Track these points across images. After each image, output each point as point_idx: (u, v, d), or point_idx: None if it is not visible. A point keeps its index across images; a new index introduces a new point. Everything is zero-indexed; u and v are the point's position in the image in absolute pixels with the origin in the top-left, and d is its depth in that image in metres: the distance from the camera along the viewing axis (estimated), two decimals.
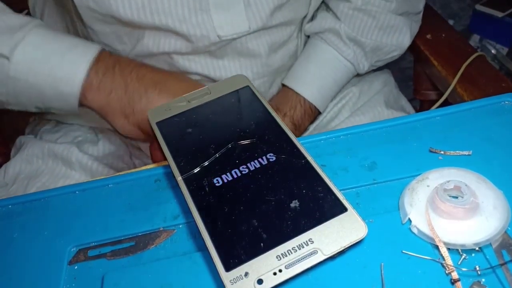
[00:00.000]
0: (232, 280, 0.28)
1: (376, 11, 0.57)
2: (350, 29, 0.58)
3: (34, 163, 0.54)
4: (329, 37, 0.59)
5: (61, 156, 0.54)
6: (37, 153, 0.54)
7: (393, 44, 0.59)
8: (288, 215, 0.31)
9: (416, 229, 0.31)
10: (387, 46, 0.59)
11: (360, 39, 0.58)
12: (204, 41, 0.50)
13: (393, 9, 0.57)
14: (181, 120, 0.40)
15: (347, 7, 0.58)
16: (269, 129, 0.38)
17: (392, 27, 0.58)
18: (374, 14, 0.57)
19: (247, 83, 0.42)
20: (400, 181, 0.35)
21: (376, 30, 0.58)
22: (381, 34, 0.59)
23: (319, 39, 0.60)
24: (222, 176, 0.34)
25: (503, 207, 0.31)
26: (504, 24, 1.29)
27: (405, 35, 0.59)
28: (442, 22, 0.64)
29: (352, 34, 0.58)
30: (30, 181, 0.53)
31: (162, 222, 0.35)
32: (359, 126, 0.40)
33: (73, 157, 0.53)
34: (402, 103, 0.65)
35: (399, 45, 0.60)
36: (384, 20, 0.57)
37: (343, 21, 0.58)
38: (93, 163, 0.54)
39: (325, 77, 0.59)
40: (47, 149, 0.54)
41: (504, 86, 0.51)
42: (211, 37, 0.50)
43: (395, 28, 0.59)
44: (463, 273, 0.29)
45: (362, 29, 0.58)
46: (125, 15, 0.48)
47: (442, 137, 0.38)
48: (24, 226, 0.36)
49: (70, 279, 0.32)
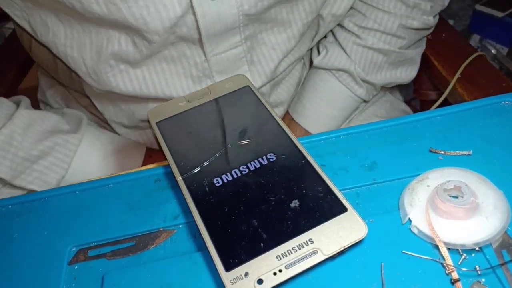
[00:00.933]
0: (232, 280, 0.28)
1: (388, 50, 0.55)
2: (361, 68, 0.56)
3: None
4: (343, 77, 0.57)
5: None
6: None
7: (403, 77, 0.59)
8: (288, 215, 0.31)
9: (416, 229, 0.31)
10: (398, 79, 0.59)
11: (373, 82, 0.57)
12: None
13: (404, 45, 0.56)
14: (181, 120, 0.40)
15: (356, 44, 0.55)
16: (269, 129, 0.38)
17: (403, 61, 0.58)
18: (386, 52, 0.55)
19: (247, 83, 0.42)
20: (400, 181, 0.35)
21: (387, 65, 0.57)
22: (392, 69, 0.58)
23: (331, 75, 0.58)
24: (222, 176, 0.34)
25: (503, 207, 0.31)
26: (504, 24, 1.29)
27: (416, 64, 0.59)
28: (442, 22, 0.64)
29: (365, 77, 0.57)
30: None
31: (162, 222, 0.35)
32: (359, 126, 0.40)
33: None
34: (402, 107, 0.65)
35: (408, 77, 0.60)
36: (395, 57, 0.56)
37: (354, 59, 0.56)
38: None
39: (338, 117, 0.59)
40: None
41: (504, 86, 0.51)
42: None
43: (406, 61, 0.58)
44: (463, 273, 0.29)
45: (373, 68, 0.57)
46: (125, 89, 0.47)
47: (442, 137, 0.38)
48: (24, 226, 0.36)
49: (70, 279, 0.32)
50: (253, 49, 0.48)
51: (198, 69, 0.46)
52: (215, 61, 0.46)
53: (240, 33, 0.45)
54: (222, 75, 0.47)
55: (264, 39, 0.48)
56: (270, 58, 0.49)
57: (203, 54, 0.45)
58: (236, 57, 0.47)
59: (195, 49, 0.45)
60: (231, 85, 0.42)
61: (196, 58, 0.46)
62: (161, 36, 0.42)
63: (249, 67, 0.48)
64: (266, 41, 0.48)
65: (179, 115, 0.40)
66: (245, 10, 0.43)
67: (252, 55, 0.48)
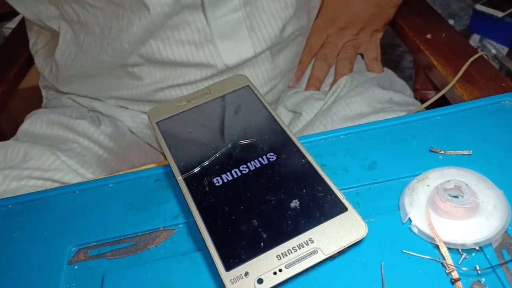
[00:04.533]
0: (232, 280, 0.28)
1: None
2: None
3: (38, 125, 0.54)
4: None
5: (67, 125, 0.54)
6: (42, 118, 0.55)
7: None
8: (288, 215, 0.31)
9: (416, 229, 0.31)
10: None
11: None
12: (212, 70, 0.51)
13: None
14: (181, 120, 0.40)
15: None
16: (269, 129, 0.38)
17: None
18: None
19: (247, 83, 0.42)
20: (400, 181, 0.35)
21: None
22: None
23: None
24: (222, 175, 0.34)
25: (503, 207, 0.31)
26: (504, 24, 1.29)
27: None
28: (442, 22, 0.64)
29: None
30: (37, 140, 0.53)
31: (162, 222, 0.35)
32: (359, 126, 0.40)
33: (79, 127, 0.54)
34: (398, 87, 0.64)
35: None
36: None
37: None
38: (99, 135, 0.54)
39: None
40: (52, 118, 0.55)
41: (504, 86, 0.51)
42: (218, 66, 0.51)
43: None
44: (463, 272, 0.29)
45: None
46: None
47: (442, 136, 0.38)
48: (24, 226, 0.36)
49: (70, 279, 0.32)
50: (253, 15, 0.50)
51: (200, 34, 0.49)
52: (216, 25, 0.48)
53: None
54: (223, 40, 0.49)
55: (264, 7, 0.51)
56: (269, 24, 0.51)
57: (205, 18, 0.47)
58: (236, 21, 0.49)
59: (196, 14, 0.47)
60: (231, 85, 0.42)
61: (198, 23, 0.48)
62: (169, 6, 0.45)
63: (249, 33, 0.50)
64: (265, 9, 0.51)
65: (179, 115, 0.40)
66: None
67: (252, 20, 0.50)
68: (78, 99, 0.59)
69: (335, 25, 0.63)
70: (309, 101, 0.58)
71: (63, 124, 0.54)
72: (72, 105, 0.59)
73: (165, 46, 0.49)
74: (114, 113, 0.57)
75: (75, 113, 0.56)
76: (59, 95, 0.61)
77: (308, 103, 0.58)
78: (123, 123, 0.57)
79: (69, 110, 0.57)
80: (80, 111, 0.57)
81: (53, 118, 0.54)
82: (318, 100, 0.58)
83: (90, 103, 0.58)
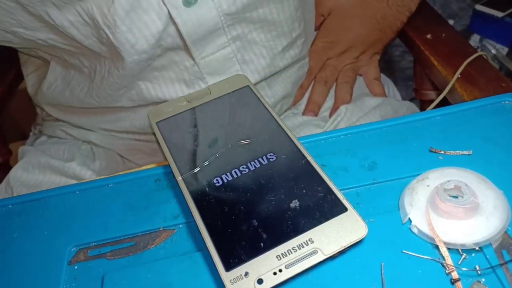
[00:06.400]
0: (232, 280, 0.28)
1: None
2: None
3: (30, 171, 0.54)
4: None
5: (57, 168, 0.53)
6: (33, 163, 0.54)
7: None
8: (288, 215, 0.31)
9: (416, 229, 0.31)
10: None
11: None
12: None
13: None
14: (181, 120, 0.40)
15: None
16: (269, 129, 0.38)
17: None
18: None
19: (247, 83, 0.42)
20: (400, 181, 0.35)
21: None
22: None
23: None
24: (222, 176, 0.34)
25: (503, 207, 0.31)
26: (504, 24, 1.28)
27: None
28: (442, 22, 0.64)
29: None
30: (30, 188, 0.52)
31: (162, 222, 0.35)
32: (359, 126, 0.40)
33: (69, 170, 0.53)
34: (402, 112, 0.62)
35: None
36: None
37: None
38: (90, 176, 0.54)
39: None
40: (44, 162, 0.54)
41: (504, 86, 0.50)
42: None
43: None
44: (463, 272, 0.29)
45: None
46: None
47: (442, 137, 0.38)
48: (24, 226, 0.36)
49: (70, 279, 0.32)
50: (244, 48, 0.48)
51: (189, 73, 0.47)
52: (204, 64, 0.46)
53: (225, 34, 0.45)
54: (214, 77, 0.47)
55: (255, 38, 0.48)
56: (261, 56, 0.49)
57: (192, 58, 0.45)
58: (226, 57, 0.47)
59: (183, 54, 0.45)
60: (231, 85, 0.42)
61: (186, 62, 0.46)
62: (148, 53, 0.42)
63: (241, 66, 0.48)
64: (257, 40, 0.48)
65: (179, 115, 0.40)
66: (225, 10, 0.43)
67: (243, 54, 0.48)
68: (72, 131, 0.58)
69: (336, 48, 0.61)
70: (307, 128, 0.56)
71: (54, 168, 0.53)
72: (65, 137, 0.59)
73: (154, 86, 0.47)
74: (109, 143, 0.56)
75: (66, 152, 0.56)
76: (52, 122, 0.60)
77: (306, 130, 0.55)
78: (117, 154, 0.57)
79: (62, 148, 0.56)
80: (72, 148, 0.56)
81: (44, 162, 0.54)
82: (316, 128, 0.56)
83: (84, 135, 0.57)
